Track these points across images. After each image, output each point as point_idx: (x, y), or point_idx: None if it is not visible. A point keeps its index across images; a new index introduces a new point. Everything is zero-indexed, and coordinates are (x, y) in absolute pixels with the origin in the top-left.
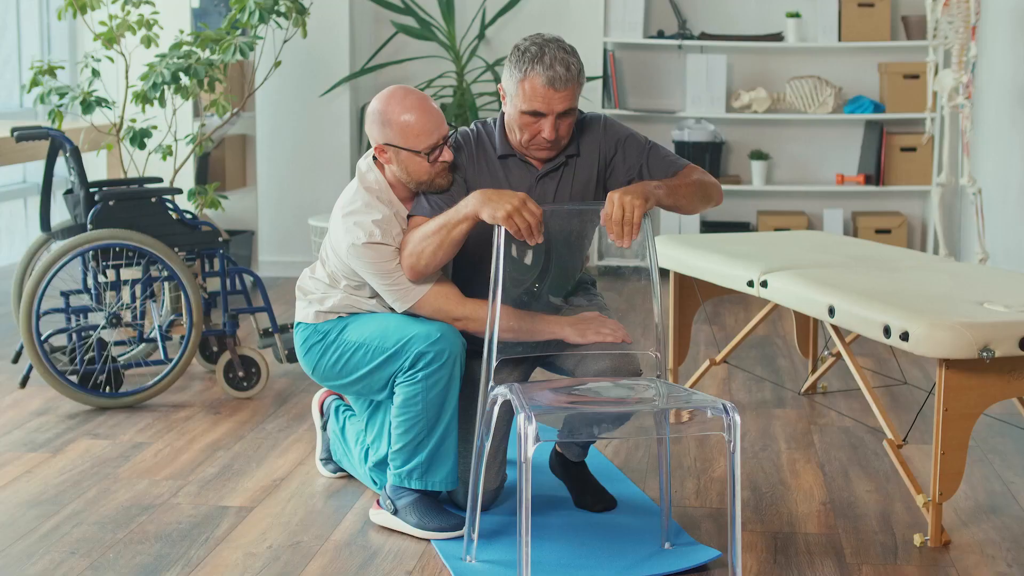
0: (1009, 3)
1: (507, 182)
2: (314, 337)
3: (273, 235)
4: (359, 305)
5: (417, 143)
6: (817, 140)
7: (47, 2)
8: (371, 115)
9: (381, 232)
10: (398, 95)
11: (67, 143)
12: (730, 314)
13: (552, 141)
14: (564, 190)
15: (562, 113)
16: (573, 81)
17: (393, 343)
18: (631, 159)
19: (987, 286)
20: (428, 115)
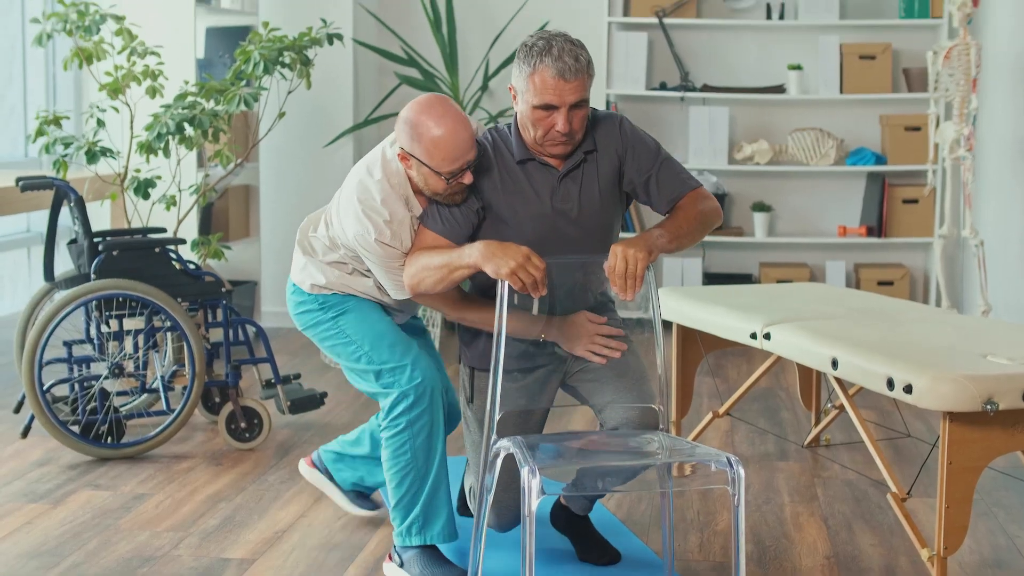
0: (1010, 56)
1: (529, 187)
2: (309, 305)
3: (276, 286)
4: (353, 285)
5: (440, 166)
6: (819, 192)
7: (53, 53)
8: (402, 122)
9: (391, 234)
10: (434, 111)
11: (71, 193)
12: (733, 366)
13: (567, 134)
14: (589, 187)
15: (574, 105)
16: (583, 72)
17: (380, 362)
18: (642, 165)
19: (990, 338)
20: (457, 140)
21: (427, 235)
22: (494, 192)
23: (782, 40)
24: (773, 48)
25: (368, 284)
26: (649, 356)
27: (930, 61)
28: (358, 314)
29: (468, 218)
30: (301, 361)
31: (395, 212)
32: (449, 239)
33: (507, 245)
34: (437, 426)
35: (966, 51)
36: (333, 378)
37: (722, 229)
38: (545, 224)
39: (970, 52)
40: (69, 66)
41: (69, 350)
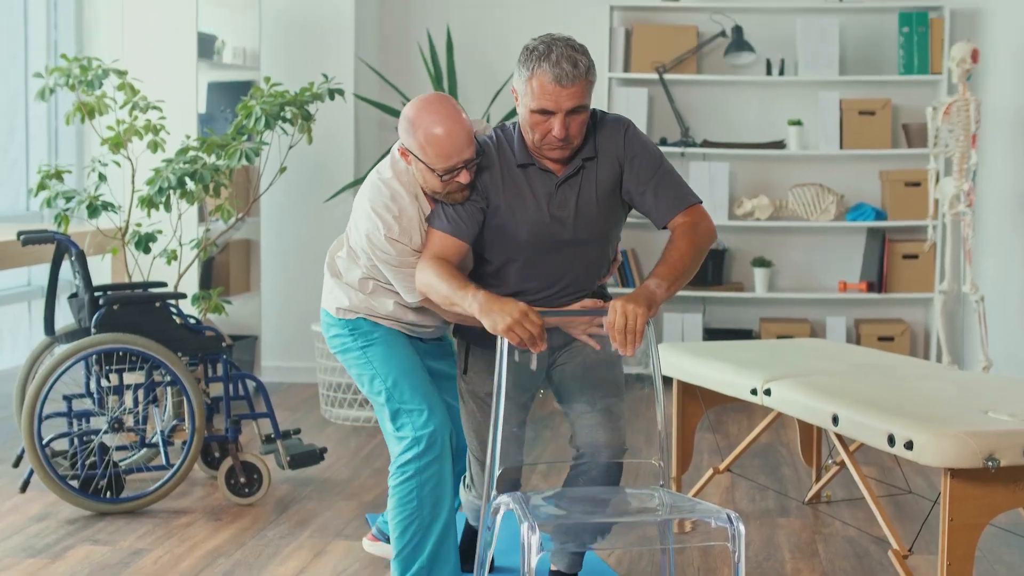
0: (1009, 112)
1: (528, 191)
2: (338, 329)
3: (276, 340)
4: (376, 308)
5: (435, 162)
6: (819, 247)
7: (56, 107)
8: (403, 118)
9: (400, 229)
10: (432, 108)
11: (72, 247)
12: (733, 422)
13: (563, 140)
14: (586, 195)
15: (572, 111)
16: (581, 78)
17: (399, 400)
18: (641, 176)
19: (991, 394)
20: (453, 138)
21: (435, 235)
22: (496, 191)
23: (782, 96)
24: (773, 104)
25: (390, 306)
26: (649, 412)
27: (930, 117)
28: (386, 348)
29: (474, 216)
30: (301, 416)
31: (405, 208)
32: (457, 237)
33: (505, 300)
34: (446, 479)
35: (965, 107)
36: (333, 433)
37: (722, 284)
38: (541, 230)
39: (969, 108)
40: (71, 120)
41: (69, 404)
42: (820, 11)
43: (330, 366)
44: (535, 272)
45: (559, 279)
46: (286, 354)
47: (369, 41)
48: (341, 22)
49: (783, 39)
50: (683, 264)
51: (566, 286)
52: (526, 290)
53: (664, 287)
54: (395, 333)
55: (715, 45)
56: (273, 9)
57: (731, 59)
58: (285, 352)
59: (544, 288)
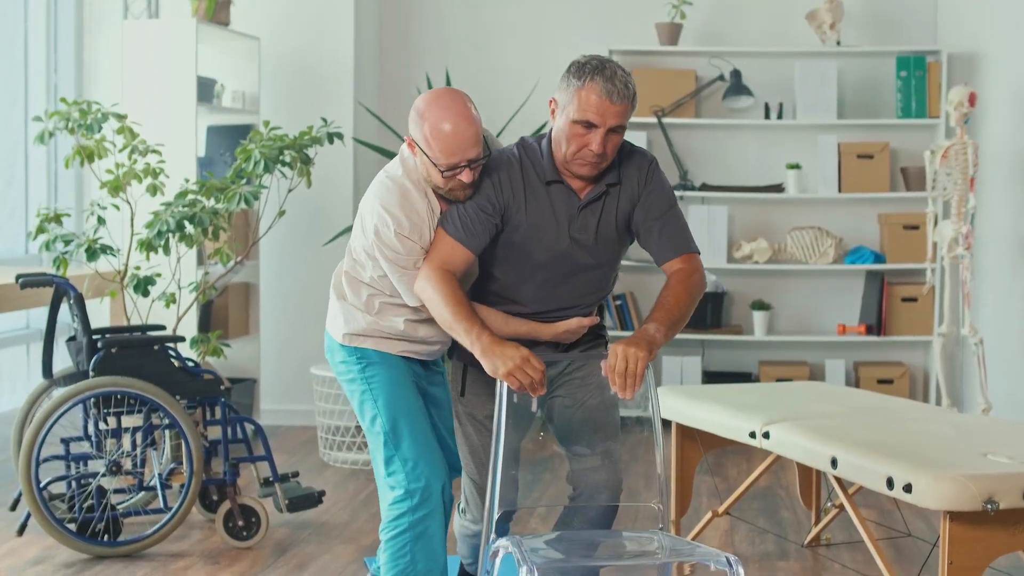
0: (1007, 155)
1: (551, 209)
2: (343, 356)
3: (275, 383)
4: (384, 328)
5: (438, 157)
6: (818, 290)
7: (55, 151)
8: (413, 109)
9: (410, 226)
10: (442, 102)
11: (71, 290)
12: (732, 465)
13: (598, 156)
14: (607, 220)
15: (612, 130)
16: (629, 100)
17: (394, 445)
18: (651, 213)
19: (990, 437)
20: (459, 135)
21: (444, 240)
22: (519, 210)
23: (780, 139)
24: (771, 147)
25: (400, 324)
26: (648, 455)
27: (928, 160)
28: (391, 387)
29: (487, 228)
30: (299, 459)
31: (415, 205)
32: (466, 247)
33: (507, 344)
34: (439, 532)
35: (963, 150)
36: (331, 476)
37: (721, 327)
38: (560, 249)
39: (967, 151)
40: (71, 164)
41: (67, 447)
42: (818, 55)
43: (329, 409)
44: (543, 293)
45: (564, 300)
46: (285, 397)
47: (368, 85)
48: (340, 66)
49: (781, 83)
50: (679, 309)
51: (567, 307)
52: (525, 309)
53: (663, 331)
54: (401, 369)
55: (714, 89)
56: (273, 53)
57: (730, 103)
58: (284, 395)
59: (546, 310)
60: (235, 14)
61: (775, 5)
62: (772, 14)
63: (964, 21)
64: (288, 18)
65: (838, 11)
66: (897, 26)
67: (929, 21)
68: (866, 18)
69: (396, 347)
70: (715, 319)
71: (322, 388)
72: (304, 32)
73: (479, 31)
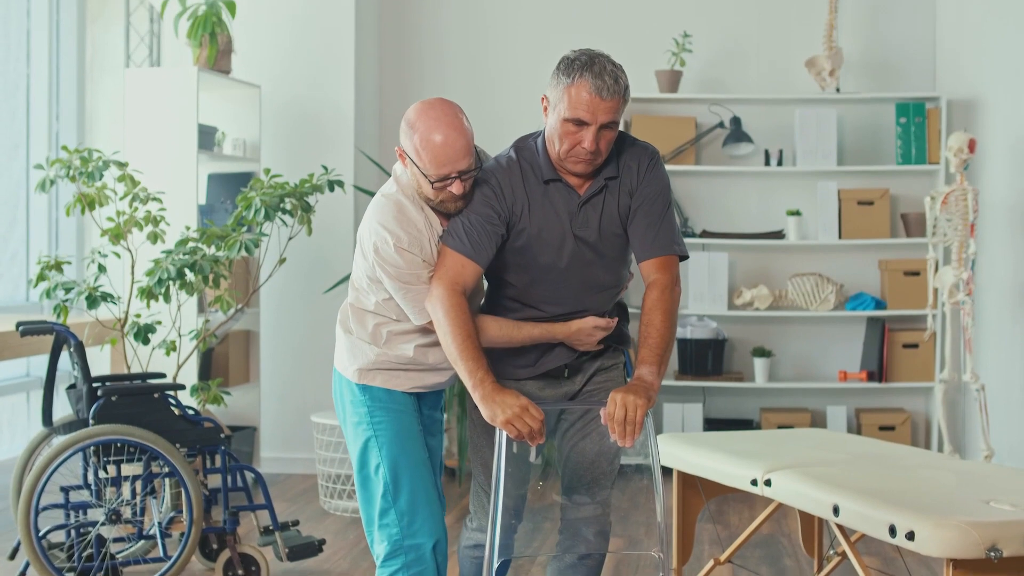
0: (1007, 201)
1: (552, 209)
2: (352, 395)
3: (275, 431)
4: (392, 359)
5: (428, 168)
6: (819, 337)
7: (56, 198)
8: (404, 119)
9: (409, 239)
10: (433, 112)
11: (71, 338)
12: (734, 512)
13: (592, 153)
14: (609, 214)
15: (604, 126)
16: (619, 94)
17: (391, 499)
18: (643, 205)
19: (993, 484)
20: (449, 146)
21: (451, 256)
22: (522, 212)
23: (781, 186)
24: (772, 194)
25: (410, 351)
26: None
27: (928, 206)
28: (398, 435)
29: (492, 238)
30: (299, 508)
31: (412, 218)
32: (473, 260)
33: (507, 392)
34: None
35: (963, 196)
36: (331, 525)
37: (722, 374)
38: (565, 248)
39: (967, 197)
40: (72, 211)
41: (66, 496)
42: (818, 102)
43: (329, 457)
44: (555, 294)
45: (578, 301)
46: (285, 445)
47: (368, 132)
48: (341, 114)
49: (781, 130)
50: (664, 342)
51: (582, 309)
52: (543, 313)
53: (656, 373)
54: (409, 415)
55: (714, 136)
56: (273, 101)
57: (730, 150)
58: (284, 443)
59: (563, 312)
60: (236, 62)
61: (775, 52)
62: (772, 61)
63: (963, 68)
64: (289, 66)
65: (837, 58)
66: (896, 73)
67: (928, 68)
68: (865, 65)
69: (406, 382)
70: (716, 366)
71: (322, 436)
72: (305, 80)
73: (479, 78)
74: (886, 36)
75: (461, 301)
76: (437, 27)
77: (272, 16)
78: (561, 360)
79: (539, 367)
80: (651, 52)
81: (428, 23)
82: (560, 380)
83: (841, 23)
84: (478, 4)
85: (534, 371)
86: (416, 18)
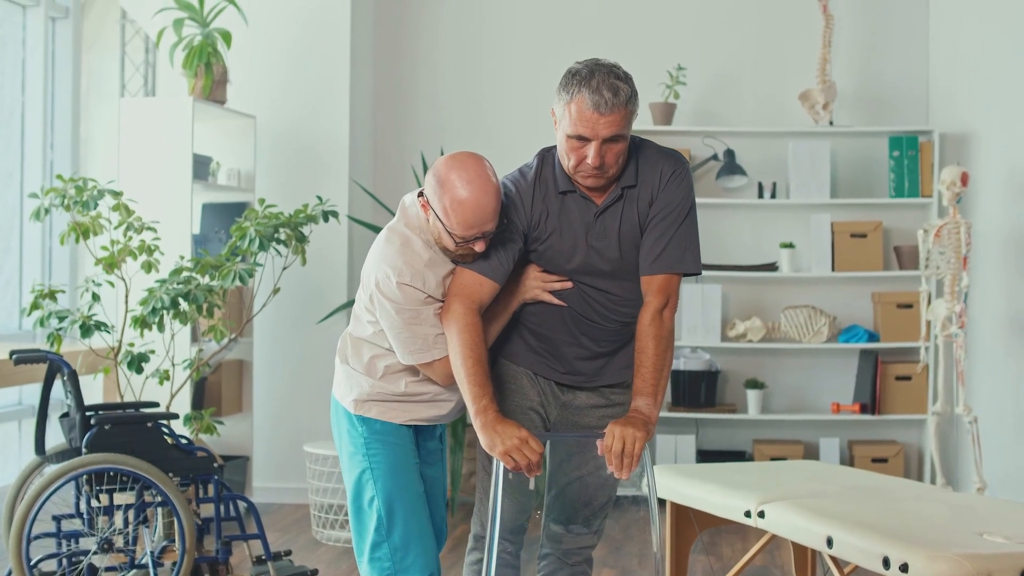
0: (1000, 234)
1: (567, 220)
2: (349, 426)
3: (268, 461)
4: (390, 390)
5: (455, 228)
6: (812, 369)
7: (50, 227)
8: (433, 173)
9: (412, 274)
10: (466, 172)
11: (65, 366)
12: (727, 544)
13: (597, 168)
14: (628, 224)
15: (609, 139)
16: (621, 107)
17: (385, 531)
18: (656, 230)
19: (986, 516)
20: (479, 210)
21: (468, 275)
22: (538, 224)
23: (774, 219)
24: (765, 226)
25: (400, 388)
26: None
27: (921, 239)
28: (394, 472)
29: (511, 255)
30: (292, 538)
31: (416, 252)
32: (491, 279)
33: (508, 423)
34: None
35: (956, 229)
36: (324, 554)
37: (715, 406)
38: (581, 259)
39: (960, 230)
40: (66, 240)
41: (58, 524)
42: (811, 135)
43: (322, 487)
44: (582, 308)
45: (600, 313)
46: (278, 475)
47: (363, 163)
48: (336, 144)
49: (775, 162)
50: (658, 370)
51: (603, 322)
52: (561, 335)
53: (652, 404)
54: (405, 449)
55: (707, 168)
56: (268, 131)
57: (723, 182)
58: (277, 473)
59: (565, 337)
60: (231, 92)
61: (768, 85)
62: (765, 94)
63: (956, 102)
64: (284, 96)
65: (831, 91)
66: (889, 106)
67: (921, 102)
68: (859, 98)
69: (402, 415)
70: (709, 398)
71: (315, 466)
72: (299, 110)
73: (474, 109)
74: (879, 70)
75: (476, 321)
76: (433, 58)
77: (267, 46)
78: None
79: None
80: (645, 84)
81: (424, 54)
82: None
83: (835, 57)
84: (474, 35)
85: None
86: (412, 48)
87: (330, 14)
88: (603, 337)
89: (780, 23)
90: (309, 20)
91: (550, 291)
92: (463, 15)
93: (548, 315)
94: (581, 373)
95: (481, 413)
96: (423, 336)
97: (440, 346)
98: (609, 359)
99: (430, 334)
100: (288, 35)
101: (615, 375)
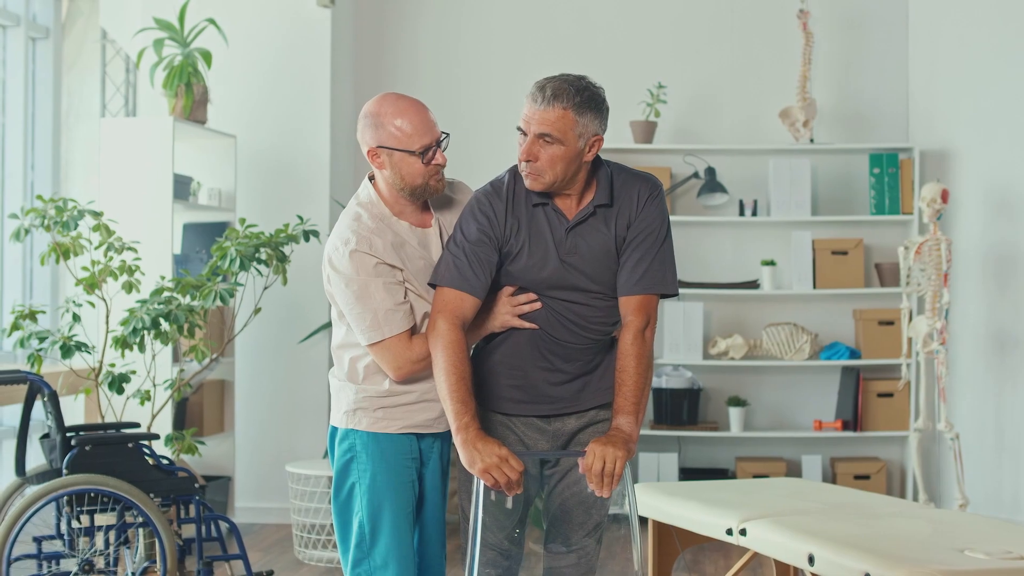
0: (980, 250)
1: (539, 232)
2: (340, 439)
3: (250, 481)
4: (372, 392)
5: (411, 143)
6: (794, 386)
7: (31, 247)
8: (363, 118)
9: (359, 239)
10: (391, 98)
11: (45, 387)
12: (710, 562)
13: (526, 161)
14: (598, 242)
15: (544, 138)
16: (559, 107)
17: (367, 548)
18: (636, 251)
19: (967, 533)
20: (421, 116)
21: (446, 292)
22: (514, 235)
23: (755, 236)
24: (747, 244)
25: (383, 386)
26: (625, 552)
27: (902, 256)
28: (379, 489)
29: (487, 267)
30: (274, 558)
31: (365, 223)
32: (469, 293)
33: (489, 441)
34: None
35: (937, 246)
36: (306, 574)
37: (697, 424)
38: (554, 273)
39: (941, 247)
40: (46, 261)
41: (39, 546)
42: (792, 152)
43: (304, 507)
44: (553, 327)
45: (574, 332)
46: (259, 495)
47: (344, 183)
48: (316, 164)
49: (756, 180)
50: (639, 389)
51: (576, 341)
52: (533, 360)
53: (633, 422)
54: (397, 463)
55: (688, 186)
56: (249, 151)
57: (704, 200)
58: (259, 493)
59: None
60: (211, 112)
61: (748, 103)
62: (746, 112)
63: (936, 119)
64: (264, 116)
65: (811, 109)
66: (870, 124)
67: (901, 119)
68: (839, 116)
69: (393, 423)
70: (691, 415)
71: (297, 486)
72: (280, 130)
73: (453, 127)
74: (859, 87)
75: (460, 337)
76: (413, 77)
77: (247, 66)
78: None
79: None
80: (625, 103)
81: (404, 73)
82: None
83: (815, 74)
84: (453, 55)
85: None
86: (391, 68)
87: (310, 34)
88: (575, 357)
89: (760, 41)
90: (289, 40)
91: (519, 315)
92: (442, 34)
93: (518, 340)
94: (560, 399)
95: (463, 430)
96: (372, 311)
97: (391, 323)
98: (587, 379)
99: (379, 309)
100: (268, 55)
101: (598, 396)
